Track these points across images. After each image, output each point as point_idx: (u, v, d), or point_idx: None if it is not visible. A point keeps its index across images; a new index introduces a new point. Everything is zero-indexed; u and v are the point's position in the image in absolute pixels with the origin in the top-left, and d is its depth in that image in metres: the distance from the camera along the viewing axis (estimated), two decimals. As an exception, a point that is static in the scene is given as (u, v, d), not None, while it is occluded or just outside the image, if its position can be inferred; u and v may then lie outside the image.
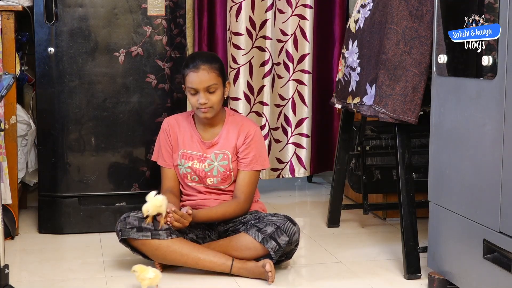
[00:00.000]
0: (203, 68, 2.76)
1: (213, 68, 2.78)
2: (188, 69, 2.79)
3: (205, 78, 2.76)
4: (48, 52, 3.14)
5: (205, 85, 2.76)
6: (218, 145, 2.87)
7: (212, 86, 2.77)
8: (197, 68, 2.77)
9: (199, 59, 2.79)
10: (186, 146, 2.89)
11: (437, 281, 2.50)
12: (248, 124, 2.90)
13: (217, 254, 2.67)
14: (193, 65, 2.78)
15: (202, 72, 2.76)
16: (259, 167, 2.87)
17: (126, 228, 2.66)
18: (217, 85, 2.78)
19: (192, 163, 2.87)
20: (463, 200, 2.33)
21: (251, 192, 2.85)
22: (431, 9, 2.54)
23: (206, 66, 2.77)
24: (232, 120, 2.90)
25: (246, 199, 2.83)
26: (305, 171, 4.14)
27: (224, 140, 2.86)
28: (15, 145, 3.17)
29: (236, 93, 3.94)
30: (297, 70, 4.06)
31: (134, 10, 3.18)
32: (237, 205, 2.81)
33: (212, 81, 2.77)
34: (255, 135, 2.87)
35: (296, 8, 4.01)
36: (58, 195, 3.22)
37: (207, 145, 2.87)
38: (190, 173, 2.88)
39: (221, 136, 2.87)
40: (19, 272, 2.73)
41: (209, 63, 2.78)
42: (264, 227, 2.64)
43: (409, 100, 2.59)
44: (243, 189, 2.83)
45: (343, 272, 2.76)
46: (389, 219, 3.53)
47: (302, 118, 4.11)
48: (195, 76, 2.76)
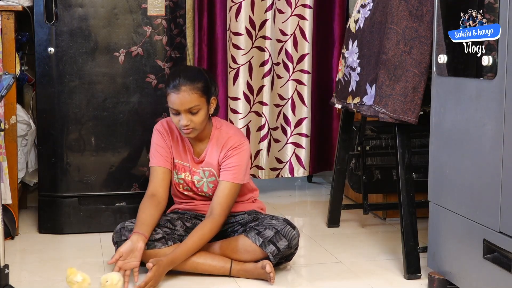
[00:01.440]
0: (184, 89, 2.62)
1: (195, 88, 2.63)
2: (169, 89, 2.65)
3: (186, 100, 2.62)
4: (48, 52, 3.14)
5: (186, 106, 2.62)
6: (204, 162, 2.78)
7: (194, 107, 2.63)
8: (178, 90, 2.62)
9: (181, 78, 2.64)
10: (178, 156, 2.82)
11: (437, 281, 2.50)
12: (233, 138, 2.76)
13: (216, 257, 2.66)
14: (174, 85, 2.63)
15: (183, 94, 2.62)
16: (239, 181, 2.73)
17: (122, 240, 2.64)
18: (200, 105, 2.64)
19: (184, 175, 2.82)
20: (463, 200, 2.34)
21: (229, 206, 2.72)
22: (431, 9, 2.54)
23: (187, 87, 2.62)
24: (217, 135, 2.78)
25: (222, 212, 2.68)
26: (304, 171, 4.15)
27: (209, 157, 2.77)
28: (15, 145, 3.17)
29: (235, 93, 3.95)
30: (297, 70, 4.06)
31: (134, 10, 3.18)
32: (212, 222, 2.65)
33: (193, 103, 2.63)
34: (240, 147, 2.75)
35: (296, 8, 4.01)
36: (58, 195, 3.22)
37: (195, 161, 2.80)
38: (183, 184, 2.84)
39: (206, 152, 2.78)
40: (19, 272, 2.73)
41: (191, 83, 2.63)
42: (264, 230, 2.62)
43: (409, 100, 2.59)
44: (221, 201, 2.69)
45: (343, 272, 2.76)
46: (389, 219, 3.53)
47: (301, 118, 4.11)
48: (175, 97, 2.62)
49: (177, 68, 2.81)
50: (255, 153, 4.04)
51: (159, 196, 2.76)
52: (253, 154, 4.03)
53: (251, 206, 2.90)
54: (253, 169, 4.05)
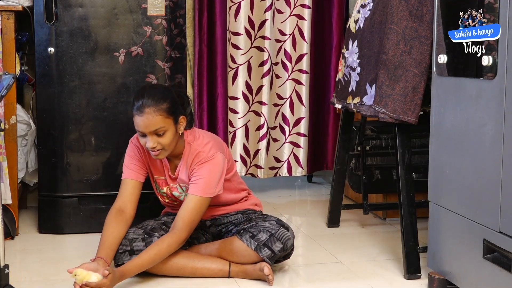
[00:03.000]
0: (147, 111, 2.52)
1: (160, 109, 2.54)
2: (134, 111, 2.56)
3: (150, 123, 2.53)
4: (48, 52, 3.14)
5: (151, 129, 2.53)
6: (178, 178, 2.72)
7: (159, 129, 2.54)
8: (141, 112, 2.53)
9: (144, 99, 2.54)
10: (157, 172, 2.76)
11: (437, 281, 2.50)
12: (203, 152, 2.65)
13: (214, 261, 2.65)
14: (137, 107, 2.54)
15: (146, 116, 2.52)
16: (206, 194, 2.60)
17: (119, 253, 2.59)
18: (165, 127, 2.55)
19: (166, 189, 2.77)
20: (463, 200, 2.34)
21: (193, 221, 2.58)
22: (431, 9, 2.55)
23: (151, 108, 2.52)
24: (188, 150, 2.68)
25: (184, 227, 2.56)
26: (302, 170, 4.15)
27: (181, 174, 2.70)
28: (15, 145, 3.17)
29: (234, 92, 3.95)
30: (295, 70, 4.07)
31: (134, 10, 3.18)
32: (171, 237, 2.54)
33: (158, 125, 2.54)
34: (209, 161, 2.62)
35: (295, 8, 4.02)
36: (58, 195, 3.22)
37: (171, 177, 2.74)
38: (167, 196, 2.80)
39: (179, 169, 2.70)
40: (19, 272, 2.73)
41: (155, 105, 2.53)
42: (258, 233, 2.61)
43: (409, 100, 2.59)
44: (184, 215, 2.57)
45: (343, 272, 2.76)
46: (389, 219, 3.53)
47: (299, 117, 4.11)
48: (139, 119, 2.54)
49: (143, 87, 2.70)
50: (254, 152, 4.04)
51: (127, 212, 2.68)
52: (252, 154, 4.03)
53: (244, 205, 2.86)
54: (252, 168, 4.05)
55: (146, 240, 2.61)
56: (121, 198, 2.72)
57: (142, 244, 2.60)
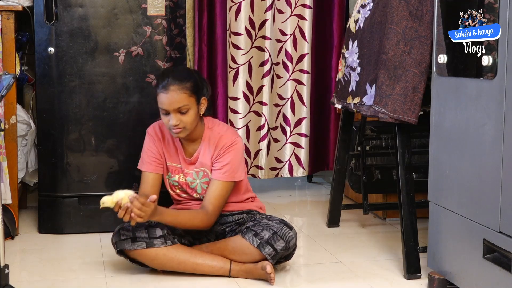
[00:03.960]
0: (172, 89, 2.63)
1: (184, 88, 2.64)
2: (158, 89, 2.66)
3: (174, 100, 2.63)
4: (48, 52, 3.14)
5: (175, 106, 2.63)
6: (197, 163, 2.77)
7: (183, 107, 2.64)
8: (167, 89, 2.63)
9: (170, 78, 2.65)
10: (171, 159, 2.81)
11: (437, 281, 2.50)
12: (226, 136, 2.76)
13: (215, 258, 2.66)
14: (163, 85, 2.65)
15: (171, 94, 2.63)
16: (228, 179, 2.72)
17: (121, 239, 2.63)
18: (189, 105, 2.64)
19: (178, 177, 2.81)
20: (463, 200, 2.34)
21: (221, 205, 2.73)
22: (431, 9, 2.54)
23: (176, 86, 2.63)
24: (209, 134, 2.77)
25: (214, 212, 2.69)
26: (304, 170, 4.15)
27: (202, 157, 2.76)
28: (15, 145, 3.17)
29: (235, 92, 3.95)
30: (296, 70, 4.07)
31: (134, 10, 3.18)
32: (204, 216, 2.67)
33: (182, 102, 2.63)
34: (232, 145, 2.74)
35: (295, 8, 4.01)
36: (58, 195, 3.22)
37: (187, 162, 2.79)
38: (177, 186, 2.83)
39: (199, 153, 2.77)
40: (19, 272, 2.73)
41: (180, 83, 2.64)
42: (261, 231, 2.61)
43: (409, 100, 2.59)
44: (213, 201, 2.69)
45: (343, 272, 2.76)
46: (389, 219, 3.53)
47: (300, 118, 4.11)
48: (164, 97, 2.64)
49: (167, 69, 2.79)
50: (255, 152, 4.04)
51: None
52: (252, 154, 4.03)
53: (249, 205, 2.89)
54: (253, 169, 4.05)
55: (149, 230, 2.63)
56: (142, 187, 2.81)
57: (145, 233, 2.61)
